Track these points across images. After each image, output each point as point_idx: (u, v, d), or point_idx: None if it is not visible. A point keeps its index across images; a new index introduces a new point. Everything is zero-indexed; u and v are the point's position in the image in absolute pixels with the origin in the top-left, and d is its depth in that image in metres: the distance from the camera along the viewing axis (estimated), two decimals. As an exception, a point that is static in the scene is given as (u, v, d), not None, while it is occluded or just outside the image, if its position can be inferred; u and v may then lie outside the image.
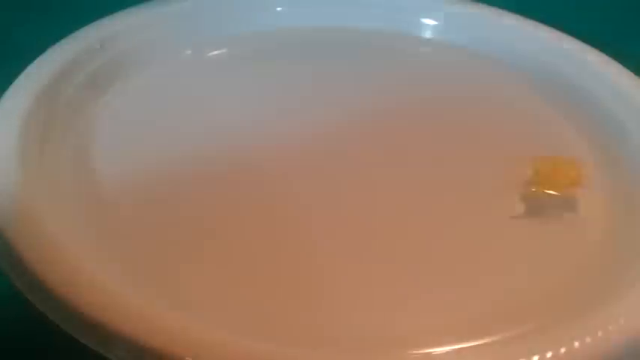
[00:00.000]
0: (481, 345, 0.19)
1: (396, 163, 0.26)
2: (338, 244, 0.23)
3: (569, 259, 0.23)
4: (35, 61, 0.28)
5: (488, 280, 0.22)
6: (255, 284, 0.21)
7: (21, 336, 0.22)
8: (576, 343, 0.18)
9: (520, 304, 0.21)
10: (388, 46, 0.34)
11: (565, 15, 0.33)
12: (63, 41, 0.29)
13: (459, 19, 0.34)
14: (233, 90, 0.29)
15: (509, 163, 0.26)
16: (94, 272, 0.19)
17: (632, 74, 0.29)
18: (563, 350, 0.18)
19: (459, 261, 0.22)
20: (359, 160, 0.26)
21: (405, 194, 0.25)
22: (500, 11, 0.34)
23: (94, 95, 0.28)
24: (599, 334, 0.18)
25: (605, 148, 0.28)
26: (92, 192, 0.24)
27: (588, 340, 0.18)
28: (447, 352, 0.19)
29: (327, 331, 0.20)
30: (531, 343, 0.18)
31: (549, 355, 0.18)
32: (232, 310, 0.20)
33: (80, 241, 0.20)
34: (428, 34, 0.35)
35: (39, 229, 0.20)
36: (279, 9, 0.34)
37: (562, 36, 0.32)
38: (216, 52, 0.32)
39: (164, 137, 0.26)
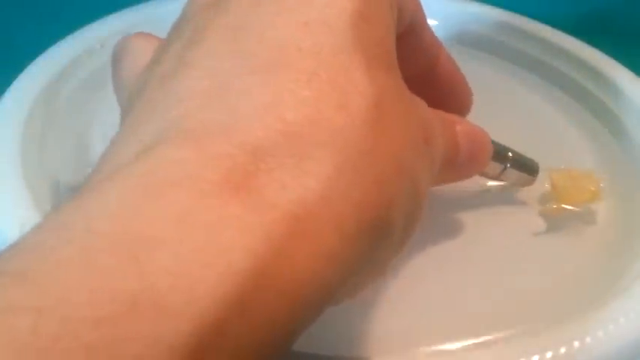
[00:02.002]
0: (482, 345, 0.19)
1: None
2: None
3: (569, 259, 0.23)
4: (35, 61, 0.28)
5: (489, 281, 0.22)
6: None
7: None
8: (576, 343, 0.18)
9: (520, 304, 0.21)
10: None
11: (565, 15, 0.33)
12: (63, 41, 0.29)
13: (459, 19, 0.34)
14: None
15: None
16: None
17: (632, 74, 0.29)
18: (563, 350, 0.18)
19: (463, 264, 0.22)
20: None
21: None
22: (500, 11, 0.34)
23: (94, 95, 0.28)
24: (599, 334, 0.18)
25: (607, 151, 0.28)
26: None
27: (588, 340, 0.18)
28: (448, 352, 0.19)
29: (329, 331, 0.20)
30: (531, 343, 0.18)
31: (549, 355, 0.18)
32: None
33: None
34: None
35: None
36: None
37: (561, 35, 0.32)
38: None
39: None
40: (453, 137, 0.19)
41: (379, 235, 0.14)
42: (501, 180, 0.24)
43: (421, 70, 0.21)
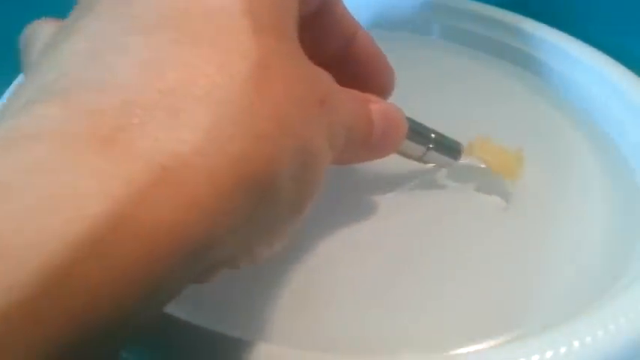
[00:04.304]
0: (482, 345, 0.19)
1: (398, 166, 0.26)
2: (340, 248, 0.23)
3: (569, 259, 0.23)
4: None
5: (488, 282, 0.22)
6: (266, 289, 0.21)
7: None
8: (576, 343, 0.18)
9: (520, 304, 0.21)
10: (389, 46, 0.33)
11: (565, 15, 0.33)
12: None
13: (458, 18, 0.34)
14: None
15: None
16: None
17: (632, 74, 0.29)
18: (563, 350, 0.18)
19: (458, 264, 0.22)
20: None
21: (402, 196, 0.25)
22: (500, 11, 0.34)
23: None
24: (599, 334, 0.18)
25: (605, 148, 0.28)
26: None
27: (588, 340, 0.18)
28: (449, 354, 0.19)
29: (330, 333, 0.20)
30: (531, 343, 0.18)
31: (549, 355, 0.18)
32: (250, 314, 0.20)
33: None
34: (428, 34, 0.35)
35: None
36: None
37: (562, 36, 0.32)
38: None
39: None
40: (367, 115, 0.20)
41: (259, 191, 0.14)
42: (424, 162, 0.24)
43: (337, 49, 0.22)
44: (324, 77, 0.17)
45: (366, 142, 0.20)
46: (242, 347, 0.17)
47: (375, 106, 0.20)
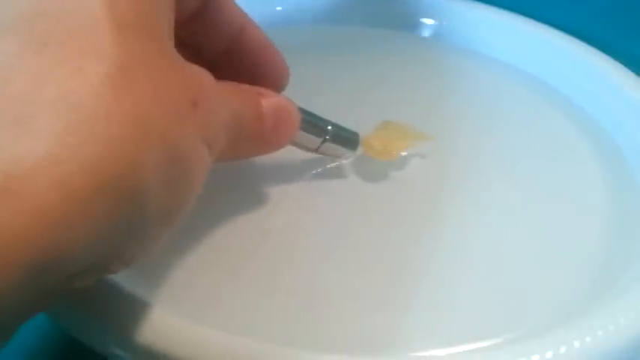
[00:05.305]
0: (482, 346, 0.19)
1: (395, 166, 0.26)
2: (335, 249, 0.23)
3: (569, 259, 0.23)
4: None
5: (487, 282, 0.22)
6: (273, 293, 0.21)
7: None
8: (576, 343, 0.18)
9: (520, 304, 0.21)
10: (389, 46, 0.34)
11: (564, 14, 0.33)
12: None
13: (458, 19, 0.34)
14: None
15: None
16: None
17: (632, 74, 0.29)
18: (563, 350, 0.18)
19: (457, 263, 0.22)
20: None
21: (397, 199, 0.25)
22: (499, 11, 0.34)
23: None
24: (599, 334, 0.18)
25: (605, 148, 0.28)
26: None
27: (588, 340, 0.18)
28: (448, 354, 0.19)
29: (331, 333, 0.20)
30: (531, 343, 0.18)
31: (549, 355, 0.18)
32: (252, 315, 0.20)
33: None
34: (428, 34, 0.35)
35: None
36: (279, 9, 0.34)
37: (561, 35, 0.32)
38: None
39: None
40: (256, 108, 0.20)
41: (122, 196, 0.14)
42: (321, 153, 0.24)
43: (226, 44, 0.22)
44: (199, 77, 0.17)
45: (258, 136, 0.20)
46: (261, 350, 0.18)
47: (266, 99, 0.20)
